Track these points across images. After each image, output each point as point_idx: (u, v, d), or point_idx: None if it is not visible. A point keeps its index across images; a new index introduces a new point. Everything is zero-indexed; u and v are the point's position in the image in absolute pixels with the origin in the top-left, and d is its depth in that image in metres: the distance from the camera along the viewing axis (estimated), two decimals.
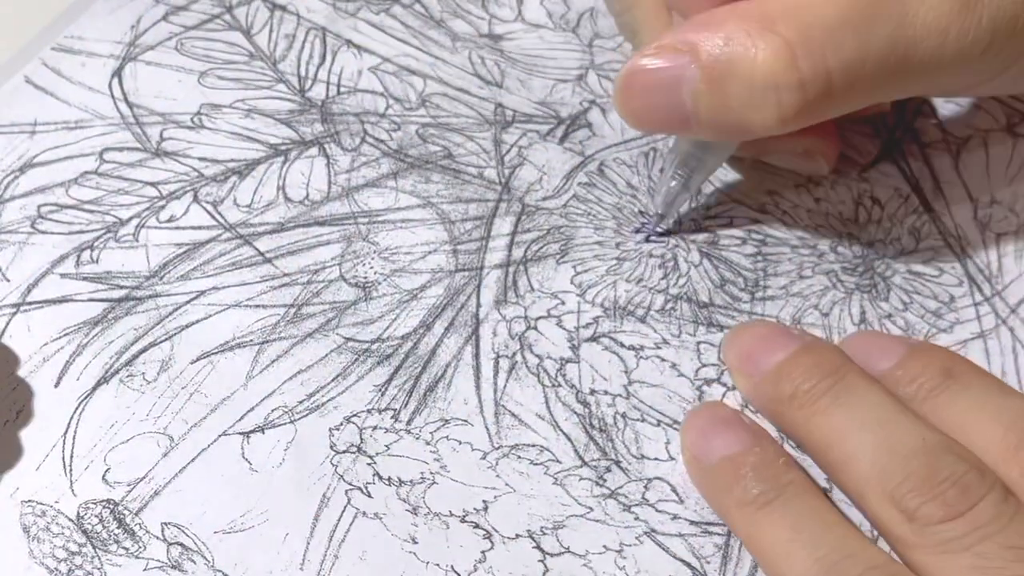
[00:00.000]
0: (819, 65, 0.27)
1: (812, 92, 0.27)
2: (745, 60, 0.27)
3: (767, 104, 0.28)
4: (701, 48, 0.28)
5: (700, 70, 0.28)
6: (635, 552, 0.29)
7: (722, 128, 0.29)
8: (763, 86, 0.27)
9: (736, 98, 0.28)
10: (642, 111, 0.30)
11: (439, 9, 0.39)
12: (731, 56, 0.27)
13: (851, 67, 0.27)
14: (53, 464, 0.30)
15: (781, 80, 0.27)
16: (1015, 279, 0.33)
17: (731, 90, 0.28)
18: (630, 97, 0.29)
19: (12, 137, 0.35)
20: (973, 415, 0.28)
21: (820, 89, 0.27)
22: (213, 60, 0.37)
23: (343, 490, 0.30)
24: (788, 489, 0.28)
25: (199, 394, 0.31)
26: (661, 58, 0.28)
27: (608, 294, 0.33)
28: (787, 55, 0.27)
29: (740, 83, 0.27)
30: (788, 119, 0.28)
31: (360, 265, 0.33)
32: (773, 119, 0.28)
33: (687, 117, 0.29)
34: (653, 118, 0.30)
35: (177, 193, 0.35)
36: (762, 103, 0.28)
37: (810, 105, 0.27)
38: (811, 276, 0.33)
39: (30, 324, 0.32)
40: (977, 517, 0.26)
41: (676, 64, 0.28)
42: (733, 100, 0.28)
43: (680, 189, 0.33)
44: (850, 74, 0.27)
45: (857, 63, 0.27)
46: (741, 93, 0.28)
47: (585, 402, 0.31)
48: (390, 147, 0.36)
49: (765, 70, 0.27)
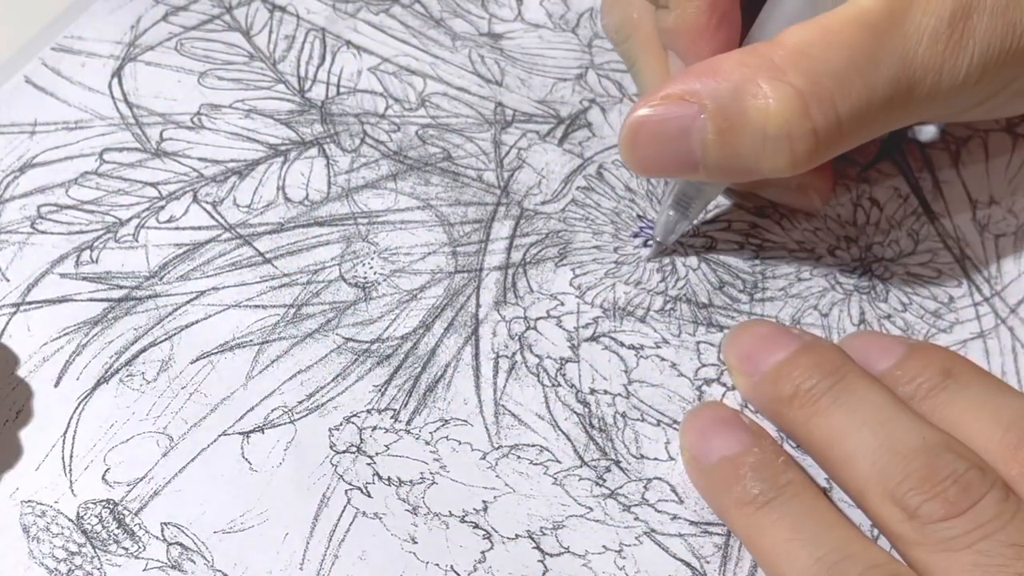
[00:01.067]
0: (830, 112, 0.27)
1: (823, 137, 0.28)
2: (756, 110, 0.27)
3: (780, 152, 0.28)
4: (709, 97, 0.28)
5: (710, 120, 0.28)
6: (635, 552, 0.29)
7: (731, 173, 0.29)
8: (776, 135, 0.27)
9: (748, 147, 0.28)
10: (649, 160, 0.30)
11: (439, 9, 0.39)
12: (742, 107, 0.28)
13: (859, 110, 0.28)
14: (53, 464, 0.30)
15: (795, 130, 0.27)
16: (1014, 279, 0.33)
17: (743, 139, 0.28)
18: (637, 146, 0.29)
19: (12, 137, 0.35)
20: (972, 414, 0.28)
21: (831, 134, 0.28)
22: (213, 61, 0.37)
23: (343, 490, 0.30)
24: (787, 489, 0.28)
25: (199, 394, 0.31)
26: (668, 107, 0.28)
27: (607, 296, 0.33)
28: (799, 105, 0.27)
29: (752, 133, 0.28)
30: (800, 164, 0.28)
31: (360, 265, 0.33)
32: (786, 164, 0.28)
33: (695, 164, 0.29)
34: (661, 166, 0.30)
35: (177, 193, 0.35)
36: (775, 151, 0.28)
37: (820, 149, 0.28)
38: (810, 278, 0.33)
39: (30, 324, 0.32)
40: (978, 515, 0.26)
41: (684, 114, 0.28)
42: (745, 149, 0.28)
43: (679, 218, 0.33)
44: (858, 116, 0.28)
45: (864, 105, 0.27)
46: (753, 143, 0.28)
47: (585, 402, 0.31)
48: (389, 148, 0.36)
49: (779, 120, 0.27)
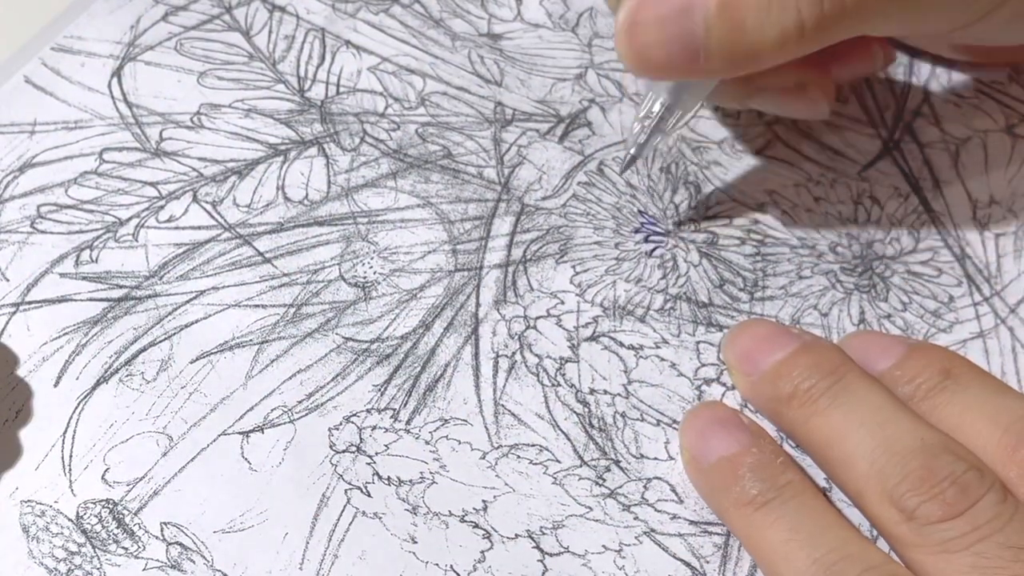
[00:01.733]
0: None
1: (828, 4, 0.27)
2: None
3: (787, 13, 0.27)
4: None
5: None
6: (634, 552, 0.29)
7: (734, 56, 0.28)
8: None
9: (752, 16, 0.27)
10: (649, 47, 0.28)
11: (438, 9, 0.39)
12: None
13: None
14: (52, 464, 0.30)
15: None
16: (1014, 279, 0.33)
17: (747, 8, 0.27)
18: (636, 33, 0.28)
19: (11, 137, 0.35)
20: (971, 415, 0.28)
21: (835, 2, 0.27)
22: (212, 60, 0.37)
23: (342, 489, 0.30)
24: (786, 489, 0.28)
25: (198, 393, 0.31)
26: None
27: (607, 294, 0.33)
28: None
29: None
30: (807, 33, 0.27)
31: (359, 265, 0.33)
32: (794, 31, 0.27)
33: (697, 50, 0.28)
34: (660, 55, 0.28)
35: (176, 193, 0.35)
36: (780, 15, 0.27)
37: (825, 20, 0.27)
38: (810, 276, 0.33)
39: (29, 324, 0.32)
40: (976, 516, 0.26)
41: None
42: (749, 19, 0.27)
43: (655, 129, 0.31)
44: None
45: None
46: (758, 7, 0.27)
47: (584, 401, 0.31)
48: (389, 147, 0.36)
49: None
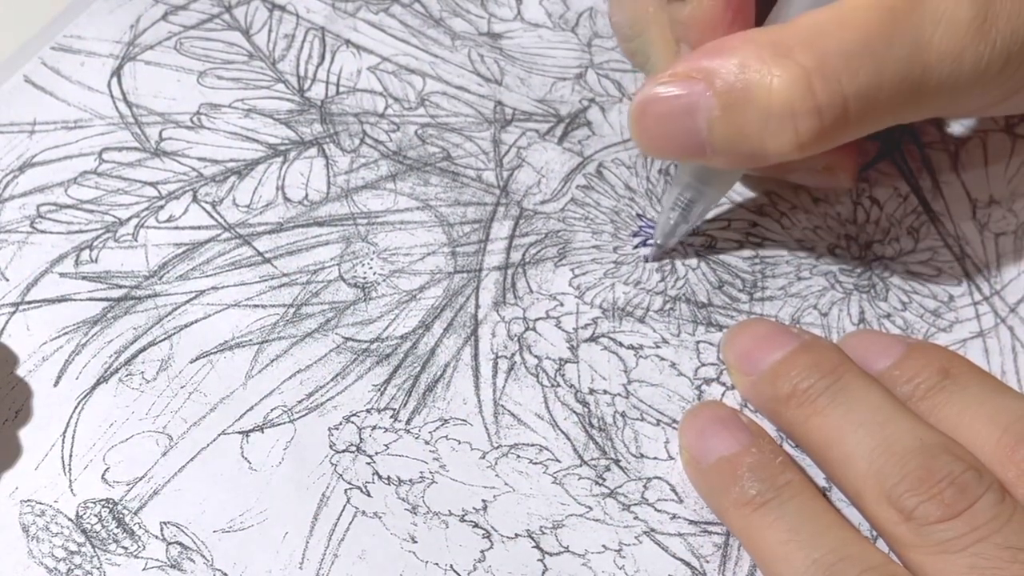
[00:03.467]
0: (835, 91, 0.27)
1: (828, 118, 0.27)
2: (761, 87, 0.27)
3: (784, 131, 0.27)
4: (716, 75, 0.28)
5: (715, 97, 0.28)
6: (634, 551, 0.29)
7: (738, 155, 0.29)
8: (780, 113, 0.27)
9: (752, 125, 0.28)
10: (657, 138, 0.29)
11: (438, 8, 0.39)
12: (747, 83, 0.27)
13: (867, 93, 0.27)
14: (52, 463, 0.30)
15: (798, 107, 0.27)
16: (1014, 278, 0.33)
17: (747, 117, 0.28)
18: (645, 125, 0.29)
19: (11, 136, 0.35)
20: (970, 415, 0.28)
21: (836, 115, 0.27)
22: (212, 60, 0.37)
23: (342, 489, 0.30)
24: (785, 490, 0.28)
25: (198, 393, 0.31)
26: (675, 85, 0.28)
27: (607, 296, 0.33)
28: (803, 82, 0.27)
29: (756, 110, 0.27)
30: (805, 146, 0.28)
31: (359, 266, 0.33)
32: (790, 146, 0.28)
33: (703, 144, 0.29)
34: (669, 145, 0.29)
35: (176, 193, 0.35)
36: (779, 130, 0.27)
37: (826, 131, 0.27)
38: (809, 277, 0.33)
39: (29, 323, 0.32)
40: (974, 517, 0.26)
41: (691, 91, 0.28)
42: (749, 127, 0.28)
43: (680, 220, 0.33)
44: (866, 100, 0.27)
45: (873, 89, 0.27)
46: (757, 120, 0.27)
47: (584, 401, 0.31)
48: (389, 149, 0.36)
49: (782, 97, 0.27)
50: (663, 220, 0.33)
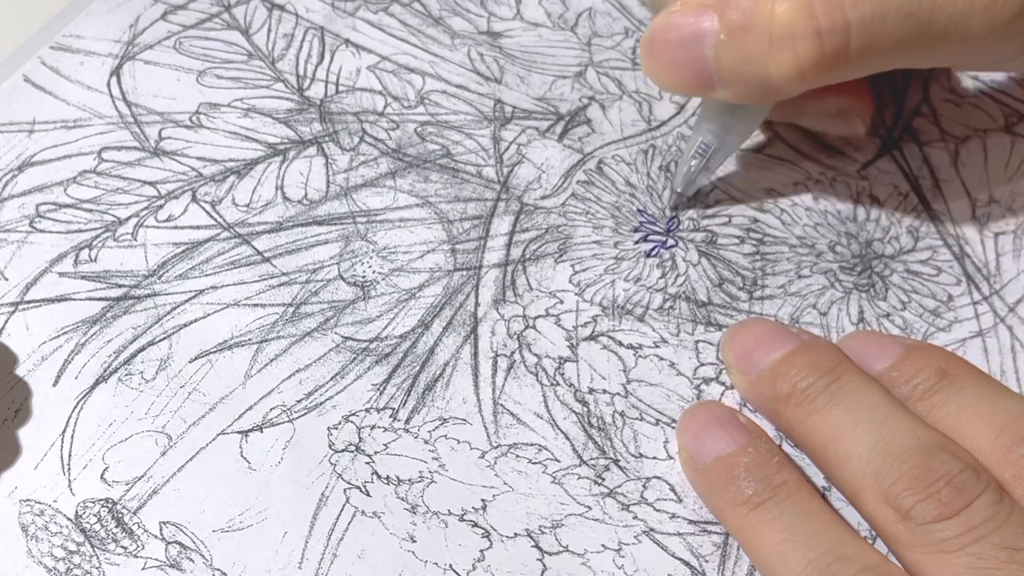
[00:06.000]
0: (837, 16, 0.27)
1: (829, 44, 0.27)
2: (764, 11, 0.28)
3: (785, 55, 0.28)
4: (723, 2, 0.28)
5: (721, 23, 0.28)
6: (633, 551, 0.29)
7: (743, 84, 0.29)
8: (780, 36, 0.28)
9: (755, 50, 0.28)
10: (667, 68, 0.30)
11: (437, 7, 0.39)
12: (751, 7, 0.28)
13: (870, 22, 0.27)
14: (51, 463, 0.30)
15: (798, 29, 0.27)
16: (1013, 278, 0.33)
17: (751, 42, 0.28)
18: (655, 54, 0.30)
19: (11, 136, 0.35)
20: (967, 415, 0.28)
21: (837, 42, 0.27)
22: (211, 59, 0.37)
23: (342, 489, 0.30)
24: (782, 490, 0.28)
25: (197, 393, 0.31)
26: (685, 14, 0.29)
27: (607, 293, 0.33)
28: (805, 5, 0.27)
29: (759, 34, 0.28)
30: (806, 71, 0.28)
31: (358, 264, 0.33)
32: (791, 71, 0.28)
33: (710, 74, 0.29)
34: (678, 75, 0.30)
35: (176, 192, 0.35)
36: (780, 54, 0.28)
37: (827, 58, 0.28)
38: (809, 275, 0.33)
39: (28, 323, 0.32)
40: (972, 517, 0.26)
41: (699, 19, 0.29)
42: (753, 52, 0.28)
43: (701, 167, 0.33)
44: (869, 29, 0.27)
45: (877, 19, 0.27)
46: (760, 44, 0.28)
47: (584, 401, 0.31)
48: (388, 146, 0.36)
49: (783, 20, 0.27)
50: (683, 168, 0.33)
